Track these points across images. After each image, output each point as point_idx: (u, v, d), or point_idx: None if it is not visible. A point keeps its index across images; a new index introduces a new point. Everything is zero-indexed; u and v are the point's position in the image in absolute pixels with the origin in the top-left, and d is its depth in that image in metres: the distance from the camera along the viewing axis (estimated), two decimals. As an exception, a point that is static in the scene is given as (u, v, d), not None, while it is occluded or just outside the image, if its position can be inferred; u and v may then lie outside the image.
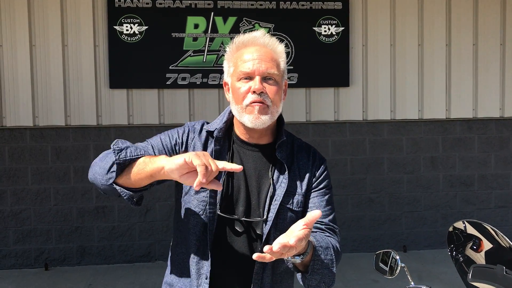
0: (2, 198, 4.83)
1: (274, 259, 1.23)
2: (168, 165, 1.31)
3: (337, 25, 5.07)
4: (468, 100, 5.34)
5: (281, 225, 1.53)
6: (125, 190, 1.43)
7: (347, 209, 5.27)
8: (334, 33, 5.07)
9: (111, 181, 1.42)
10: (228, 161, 1.56)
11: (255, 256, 1.21)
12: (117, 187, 1.43)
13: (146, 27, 4.83)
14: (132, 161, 1.41)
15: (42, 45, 4.77)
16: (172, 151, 1.57)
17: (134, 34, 4.82)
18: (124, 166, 1.41)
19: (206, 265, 1.52)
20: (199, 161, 1.24)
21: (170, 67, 4.88)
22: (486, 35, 5.32)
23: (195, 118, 4.96)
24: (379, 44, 5.19)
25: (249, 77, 1.51)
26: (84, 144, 4.90)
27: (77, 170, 4.90)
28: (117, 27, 4.80)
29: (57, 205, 4.90)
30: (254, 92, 1.48)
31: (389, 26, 5.20)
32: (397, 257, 1.68)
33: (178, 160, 1.28)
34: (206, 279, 1.51)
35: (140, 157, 1.42)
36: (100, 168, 1.46)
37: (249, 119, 1.50)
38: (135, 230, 4.99)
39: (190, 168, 1.27)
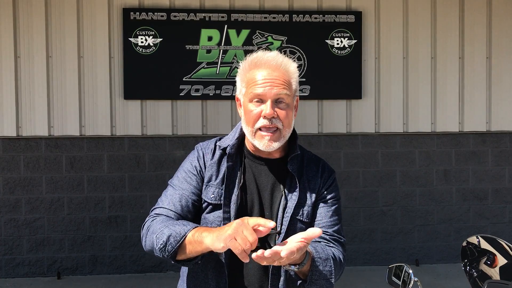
0: (16, 207, 4.89)
1: (267, 264, 1.30)
2: (213, 248, 1.35)
3: (349, 38, 5.09)
4: (482, 113, 5.31)
5: (289, 235, 1.53)
6: (189, 263, 1.48)
7: (359, 222, 5.25)
8: (346, 45, 5.09)
9: (172, 261, 1.48)
10: (241, 176, 1.59)
11: (253, 255, 1.25)
12: (180, 264, 1.50)
13: (161, 39, 4.90)
14: (180, 246, 1.43)
15: (58, 56, 4.86)
16: (201, 180, 1.61)
17: (148, 46, 4.89)
18: (175, 254, 1.45)
19: (224, 279, 1.54)
20: (237, 249, 1.26)
21: (183, 79, 4.93)
22: (500, 48, 5.30)
23: (207, 129, 4.99)
24: (391, 57, 5.20)
25: (260, 100, 1.52)
26: (98, 154, 4.95)
27: (90, 180, 4.95)
28: (132, 39, 4.87)
29: (71, 214, 4.94)
30: (265, 117, 1.50)
31: (402, 39, 5.21)
32: (410, 271, 1.67)
33: (218, 245, 1.32)
34: None
35: (185, 237, 1.43)
36: (155, 250, 1.50)
37: (259, 144, 1.54)
38: (147, 240, 5.00)
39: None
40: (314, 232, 1.33)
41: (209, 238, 1.35)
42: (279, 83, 1.52)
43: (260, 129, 1.52)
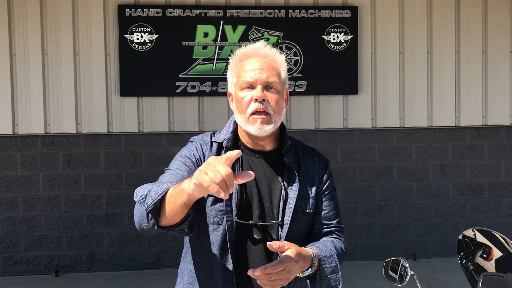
0: (13, 205, 4.88)
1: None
2: (189, 189, 1.24)
3: (345, 33, 5.09)
4: (478, 108, 5.32)
5: (295, 227, 1.59)
6: (174, 229, 1.39)
7: (356, 217, 5.26)
8: (342, 41, 5.09)
9: (155, 227, 1.37)
10: (238, 169, 1.59)
11: (268, 244, 1.31)
12: (165, 230, 1.39)
13: (157, 35, 4.88)
14: (161, 200, 1.35)
15: (53, 53, 4.84)
16: (196, 167, 1.56)
17: (144, 42, 4.87)
18: (157, 209, 1.36)
19: (230, 273, 1.54)
20: (207, 182, 1.13)
21: (180, 75, 4.93)
22: (495, 43, 5.31)
23: (204, 125, 4.99)
24: (388, 52, 5.20)
25: (251, 86, 1.56)
26: (94, 152, 4.94)
27: (87, 177, 4.94)
28: (128, 36, 4.86)
29: (68, 212, 4.94)
30: (256, 100, 1.53)
31: (398, 34, 5.21)
32: (407, 265, 1.68)
33: (191, 185, 1.22)
34: (233, 286, 1.53)
35: (166, 192, 1.34)
36: (141, 219, 1.41)
37: (252, 128, 1.55)
38: (145, 237, 5.02)
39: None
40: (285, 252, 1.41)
41: (187, 181, 1.26)
42: (268, 69, 1.56)
43: (252, 114, 1.54)
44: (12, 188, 4.88)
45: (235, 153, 1.18)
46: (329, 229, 1.66)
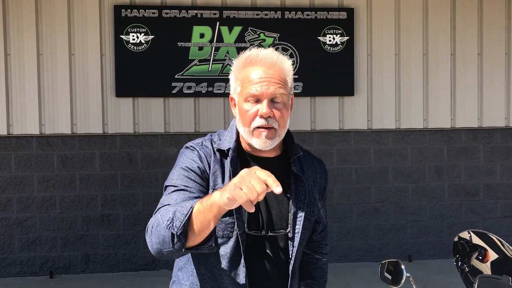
0: (8, 206, 4.86)
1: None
2: (221, 202, 1.20)
3: (342, 35, 5.09)
4: (473, 109, 5.34)
5: (303, 235, 1.58)
6: (202, 246, 1.32)
7: (351, 218, 5.26)
8: (339, 42, 5.09)
9: (183, 250, 1.30)
10: None
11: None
12: (193, 250, 1.33)
13: (152, 36, 4.87)
14: (188, 220, 1.27)
15: (49, 54, 4.82)
16: (206, 180, 1.51)
17: (140, 43, 4.86)
18: (185, 231, 1.27)
19: (242, 286, 1.50)
20: (241, 199, 1.10)
21: (175, 76, 4.91)
22: (491, 45, 5.33)
23: (200, 126, 4.98)
24: (384, 54, 5.21)
25: (256, 99, 1.48)
26: (90, 152, 4.92)
27: (82, 178, 4.92)
28: (123, 36, 4.84)
29: (63, 213, 4.92)
30: (261, 116, 1.46)
31: (394, 36, 5.22)
32: (403, 267, 1.68)
33: (224, 197, 1.17)
34: None
35: (192, 209, 1.26)
36: (161, 244, 1.32)
37: (257, 142, 1.49)
38: (140, 238, 5.00)
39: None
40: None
41: (218, 194, 1.21)
42: (275, 82, 1.47)
43: (256, 127, 1.48)
44: (6, 188, 4.85)
45: (278, 191, 1.11)
46: (322, 243, 1.79)
